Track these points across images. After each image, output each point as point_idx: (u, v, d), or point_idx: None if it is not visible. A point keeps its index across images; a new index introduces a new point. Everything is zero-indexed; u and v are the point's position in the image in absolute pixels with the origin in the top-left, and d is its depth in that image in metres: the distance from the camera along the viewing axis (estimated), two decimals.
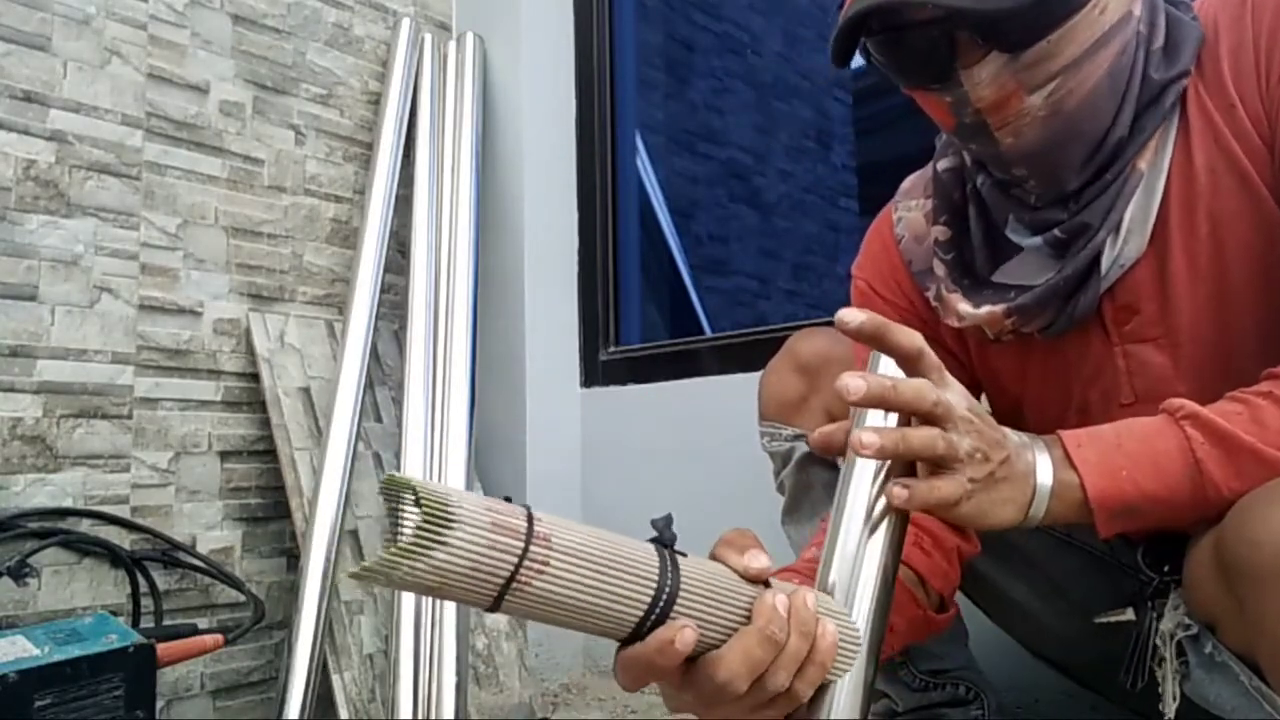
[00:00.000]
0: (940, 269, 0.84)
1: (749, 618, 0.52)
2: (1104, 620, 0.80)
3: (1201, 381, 0.73)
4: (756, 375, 1.07)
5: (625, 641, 0.52)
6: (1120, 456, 0.62)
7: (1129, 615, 0.79)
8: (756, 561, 0.54)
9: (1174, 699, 0.66)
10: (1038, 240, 0.76)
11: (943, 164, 0.86)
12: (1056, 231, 0.75)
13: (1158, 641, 0.68)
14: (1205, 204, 0.72)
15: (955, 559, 0.83)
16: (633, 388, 1.90)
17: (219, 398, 1.70)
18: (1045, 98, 0.68)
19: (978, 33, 0.66)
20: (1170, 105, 0.72)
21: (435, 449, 1.72)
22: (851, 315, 0.57)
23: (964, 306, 0.80)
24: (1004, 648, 1.06)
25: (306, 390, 1.74)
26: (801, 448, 0.99)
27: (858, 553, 0.57)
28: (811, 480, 0.98)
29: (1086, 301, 0.76)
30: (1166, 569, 0.77)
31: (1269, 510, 0.57)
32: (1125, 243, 0.73)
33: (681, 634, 0.50)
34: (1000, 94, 0.68)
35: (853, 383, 0.56)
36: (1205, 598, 0.63)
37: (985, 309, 0.78)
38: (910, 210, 0.89)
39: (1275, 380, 0.64)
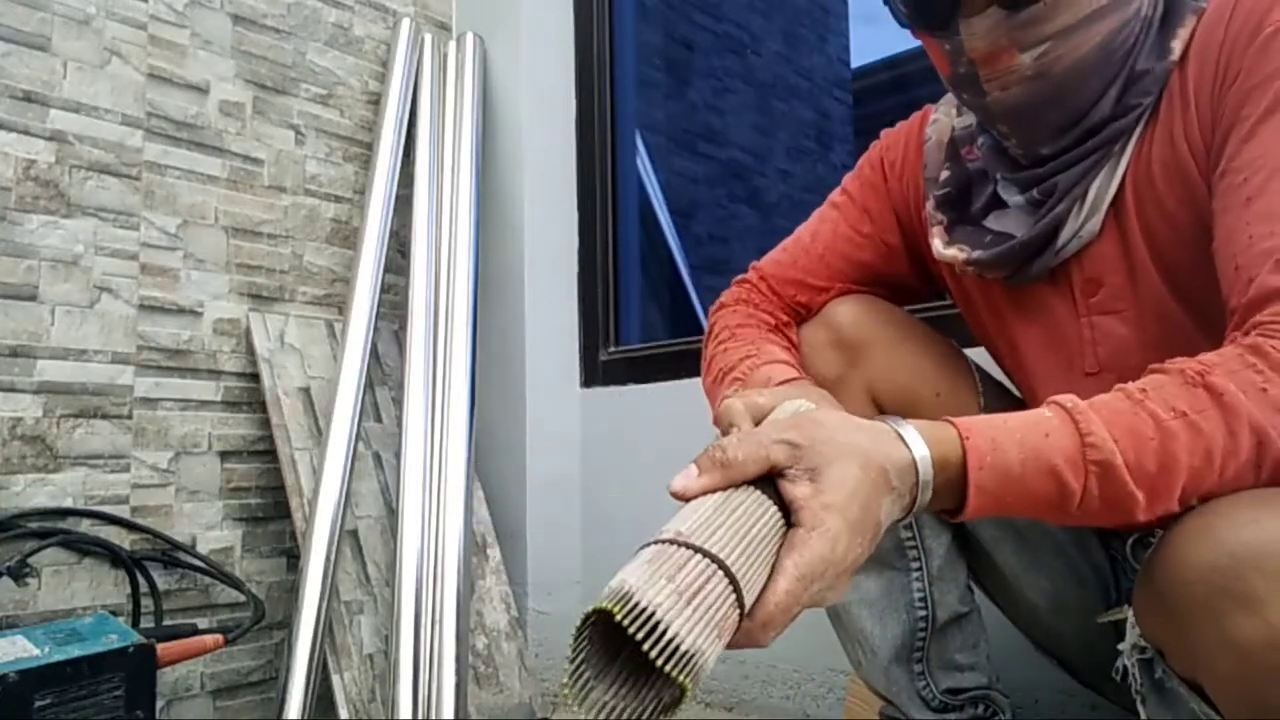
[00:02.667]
0: (931, 203, 0.88)
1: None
2: (1104, 619, 0.80)
3: (1161, 355, 0.74)
4: None
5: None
6: (1014, 485, 0.58)
7: (1127, 614, 0.79)
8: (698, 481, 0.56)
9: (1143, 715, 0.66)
10: (1021, 199, 0.80)
11: (959, 121, 0.90)
12: (1035, 192, 0.79)
13: (1125, 662, 0.68)
14: (1156, 193, 0.74)
15: None
16: (633, 388, 1.90)
17: (219, 398, 1.70)
18: (1034, 59, 0.71)
19: None
20: (1153, 95, 0.74)
21: (435, 449, 1.72)
22: (682, 485, 0.56)
23: (936, 243, 0.86)
24: (1006, 649, 1.06)
25: (306, 390, 1.74)
26: None
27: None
28: None
29: (1040, 266, 0.80)
30: None
31: (1195, 547, 0.56)
32: (1087, 218, 0.76)
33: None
34: (993, 48, 0.72)
35: (677, 482, 0.57)
36: (1150, 626, 0.63)
37: (951, 250, 0.84)
38: (945, 116, 0.92)
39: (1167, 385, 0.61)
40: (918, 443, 0.57)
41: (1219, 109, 0.70)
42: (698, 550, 0.50)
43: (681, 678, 0.46)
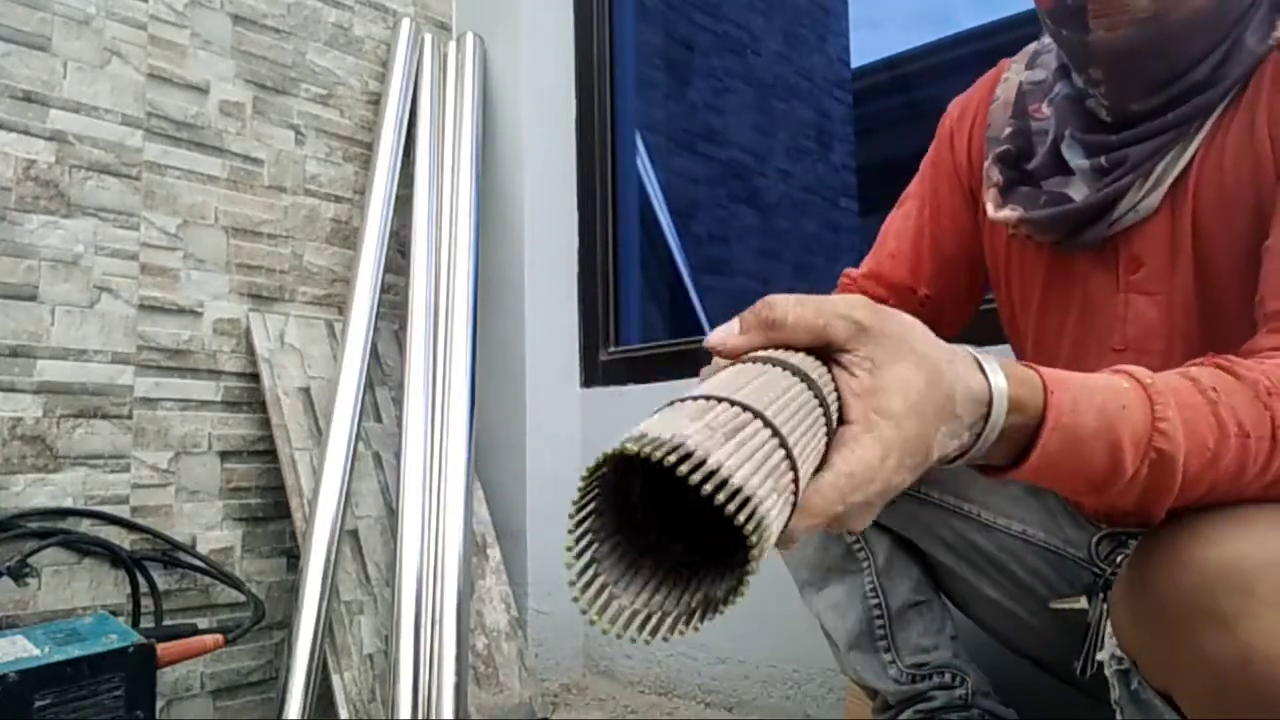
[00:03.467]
0: (988, 163, 0.87)
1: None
2: (1059, 607, 0.82)
3: (1183, 344, 0.74)
4: None
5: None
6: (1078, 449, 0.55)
7: (1082, 604, 0.80)
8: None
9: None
10: (1085, 164, 0.78)
11: (1028, 75, 0.88)
12: (1103, 159, 0.76)
13: (1106, 671, 0.67)
14: (1222, 179, 0.73)
15: None
16: (633, 388, 1.90)
17: (219, 398, 1.70)
18: (1152, 1, 0.68)
19: None
20: (1244, 72, 0.72)
21: (435, 449, 1.72)
22: (720, 339, 0.49)
23: (989, 205, 0.85)
24: (983, 645, 1.07)
25: (306, 390, 1.74)
26: None
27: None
28: None
29: (1094, 233, 0.78)
30: (1119, 560, 0.77)
31: (1171, 562, 0.55)
32: (1148, 193, 0.75)
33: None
34: None
35: (715, 335, 0.50)
36: (1126, 637, 0.63)
37: (1004, 212, 0.83)
38: (1016, 75, 0.91)
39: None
40: (998, 376, 0.50)
41: None
42: (733, 403, 0.39)
43: (748, 525, 0.34)
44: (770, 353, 0.47)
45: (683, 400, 0.40)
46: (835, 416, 0.45)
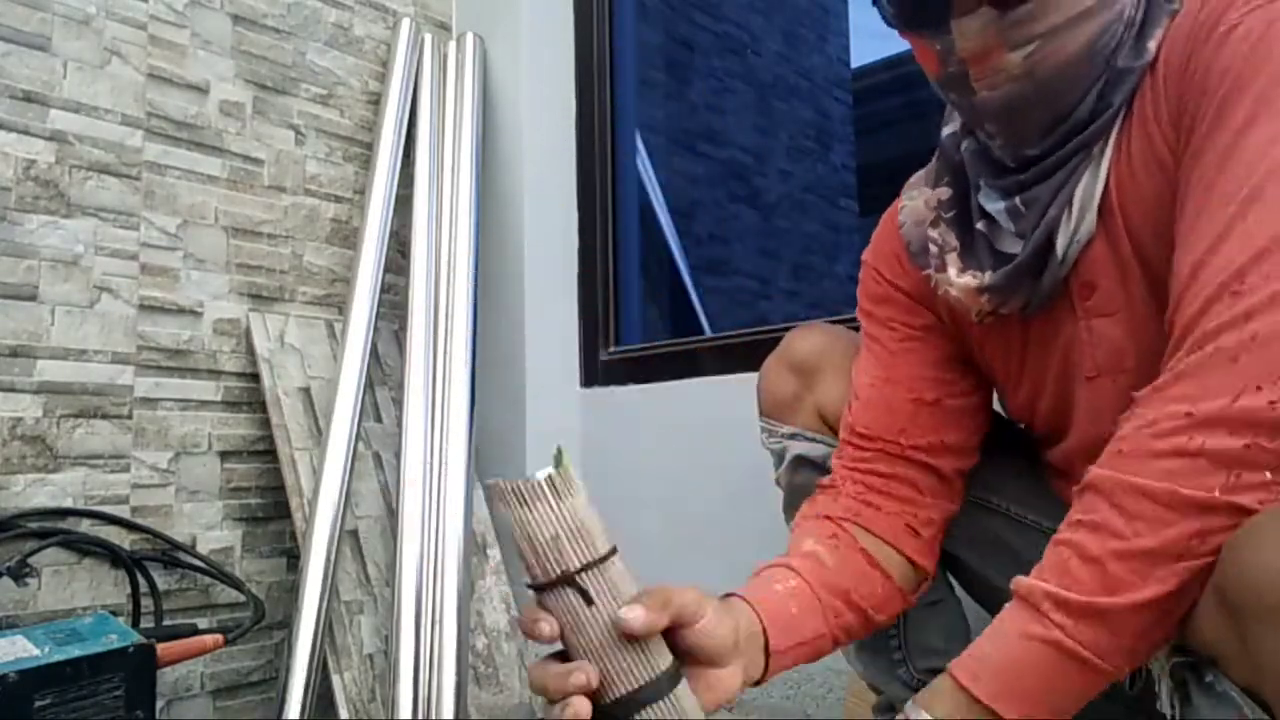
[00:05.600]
0: (939, 230, 0.86)
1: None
2: None
3: (1153, 353, 0.74)
4: (757, 375, 1.07)
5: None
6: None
7: None
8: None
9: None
10: (1001, 206, 0.79)
11: (946, 130, 0.89)
12: (1017, 200, 0.78)
13: (1151, 667, 0.67)
14: (1139, 188, 0.75)
15: (941, 530, 0.88)
16: (633, 388, 1.90)
17: (219, 398, 1.70)
18: (1024, 57, 0.72)
19: None
20: (1128, 92, 0.74)
21: (435, 449, 1.72)
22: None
23: (952, 271, 0.83)
24: None
25: (306, 390, 1.74)
26: (794, 448, 1.00)
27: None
28: (804, 482, 0.98)
29: (1050, 279, 0.78)
30: None
31: (1263, 553, 0.55)
32: (1079, 222, 0.76)
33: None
34: (983, 46, 0.72)
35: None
36: (1206, 633, 0.61)
37: (965, 278, 0.81)
38: (913, 199, 0.91)
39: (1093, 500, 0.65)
40: None
41: (1183, 99, 0.71)
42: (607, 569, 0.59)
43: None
44: None
45: None
46: None
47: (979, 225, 0.82)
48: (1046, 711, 0.62)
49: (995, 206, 0.80)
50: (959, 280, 0.82)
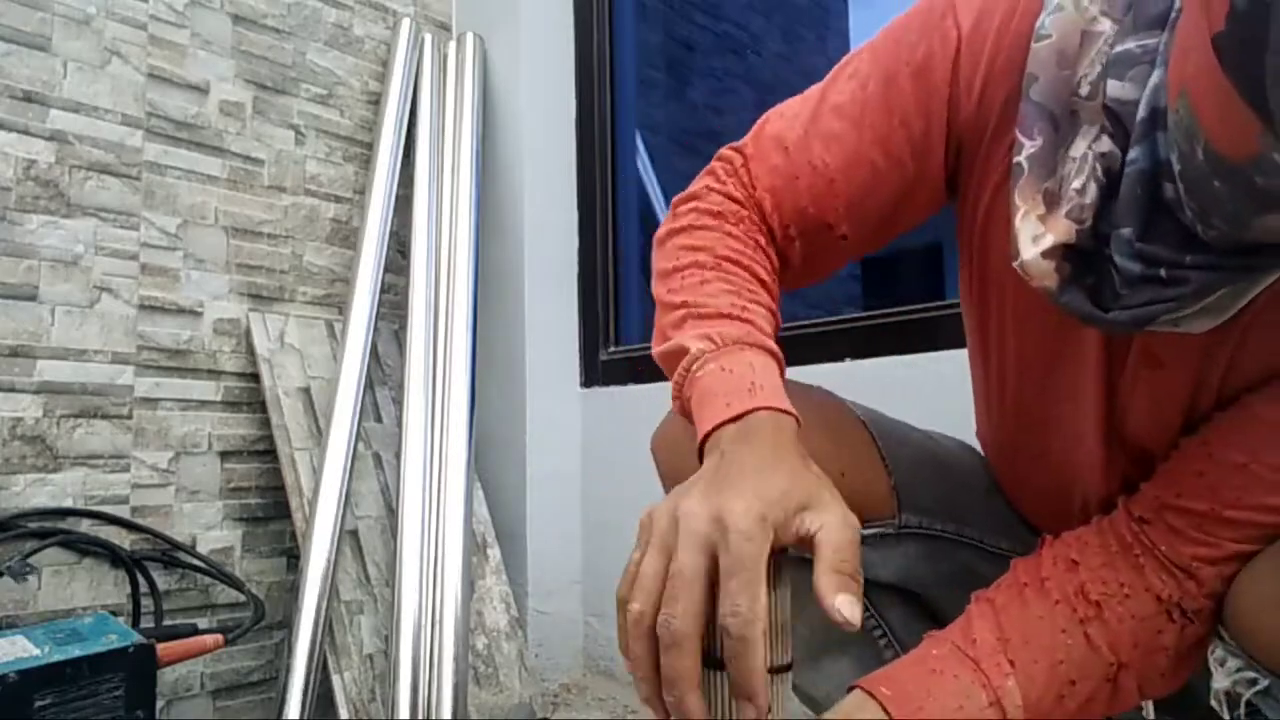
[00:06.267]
0: (1023, 154, 0.60)
1: None
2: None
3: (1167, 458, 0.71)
4: None
5: None
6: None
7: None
8: None
9: None
10: (1136, 270, 0.56)
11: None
12: (1161, 271, 0.55)
13: (1213, 704, 0.63)
14: (1250, 362, 0.63)
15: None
16: (633, 388, 1.90)
17: (219, 398, 1.70)
18: None
19: None
20: None
21: (435, 449, 1.72)
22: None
23: (1027, 233, 0.60)
24: None
25: (306, 390, 1.74)
26: None
27: None
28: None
29: (1116, 330, 0.63)
30: None
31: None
32: (1199, 317, 0.57)
33: None
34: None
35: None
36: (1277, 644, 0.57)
37: (1042, 264, 0.59)
38: (1075, 6, 0.59)
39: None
40: None
41: None
42: None
43: None
44: None
45: None
46: None
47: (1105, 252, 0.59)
48: None
49: (1127, 266, 0.56)
50: (1029, 256, 0.60)
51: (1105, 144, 0.57)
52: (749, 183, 0.73)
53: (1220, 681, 0.60)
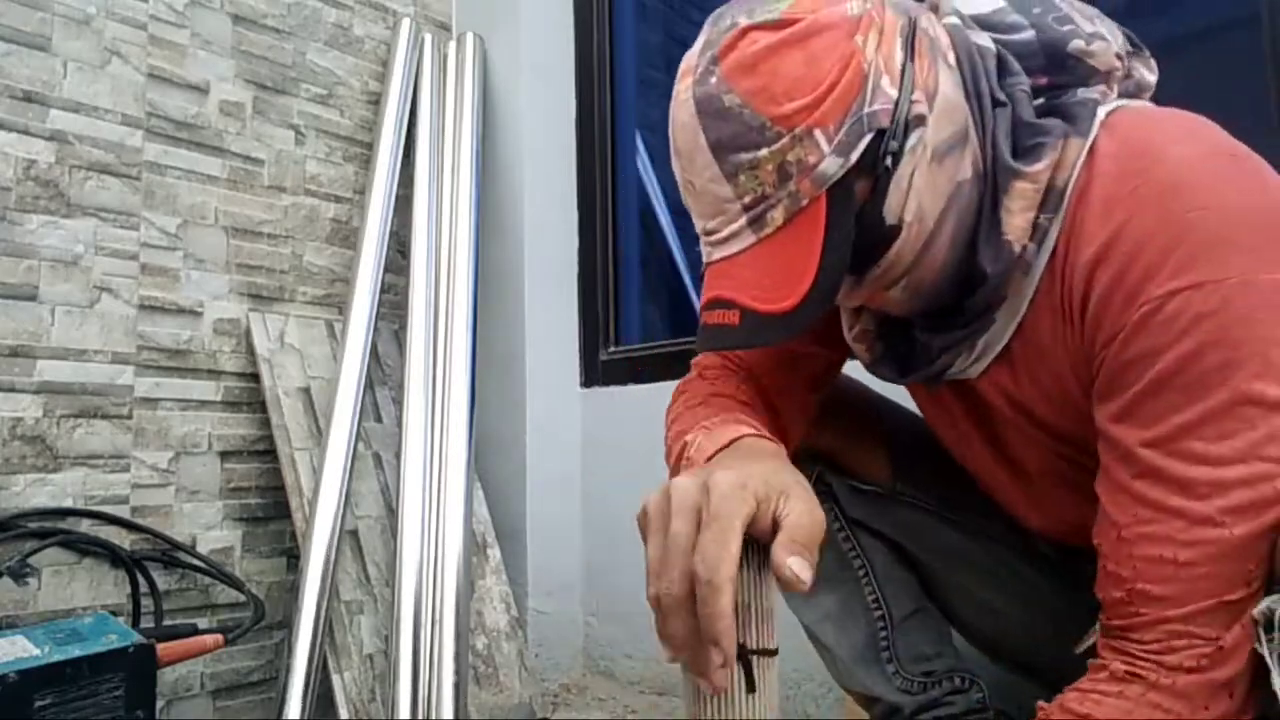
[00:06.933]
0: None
1: None
2: (1082, 649, 0.80)
3: (1073, 462, 0.76)
4: None
5: None
6: None
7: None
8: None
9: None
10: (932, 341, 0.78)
11: None
12: (921, 336, 0.77)
13: (1254, 617, 0.64)
14: (1037, 382, 0.73)
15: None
16: (633, 388, 1.90)
17: (219, 398, 1.70)
18: (901, 290, 0.71)
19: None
20: (1020, 268, 0.70)
21: (435, 449, 1.72)
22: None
23: (845, 322, 0.84)
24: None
25: (306, 390, 1.74)
26: None
27: None
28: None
29: (923, 376, 0.79)
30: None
31: None
32: (971, 364, 0.75)
33: None
34: (861, 299, 0.73)
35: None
36: None
37: (856, 344, 0.84)
38: None
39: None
40: None
41: (1094, 341, 0.66)
42: None
43: None
44: None
45: None
46: None
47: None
48: None
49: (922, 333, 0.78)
50: (849, 340, 0.84)
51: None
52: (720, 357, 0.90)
53: (1260, 607, 0.61)
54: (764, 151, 0.63)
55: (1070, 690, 0.66)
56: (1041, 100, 0.71)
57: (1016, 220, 0.68)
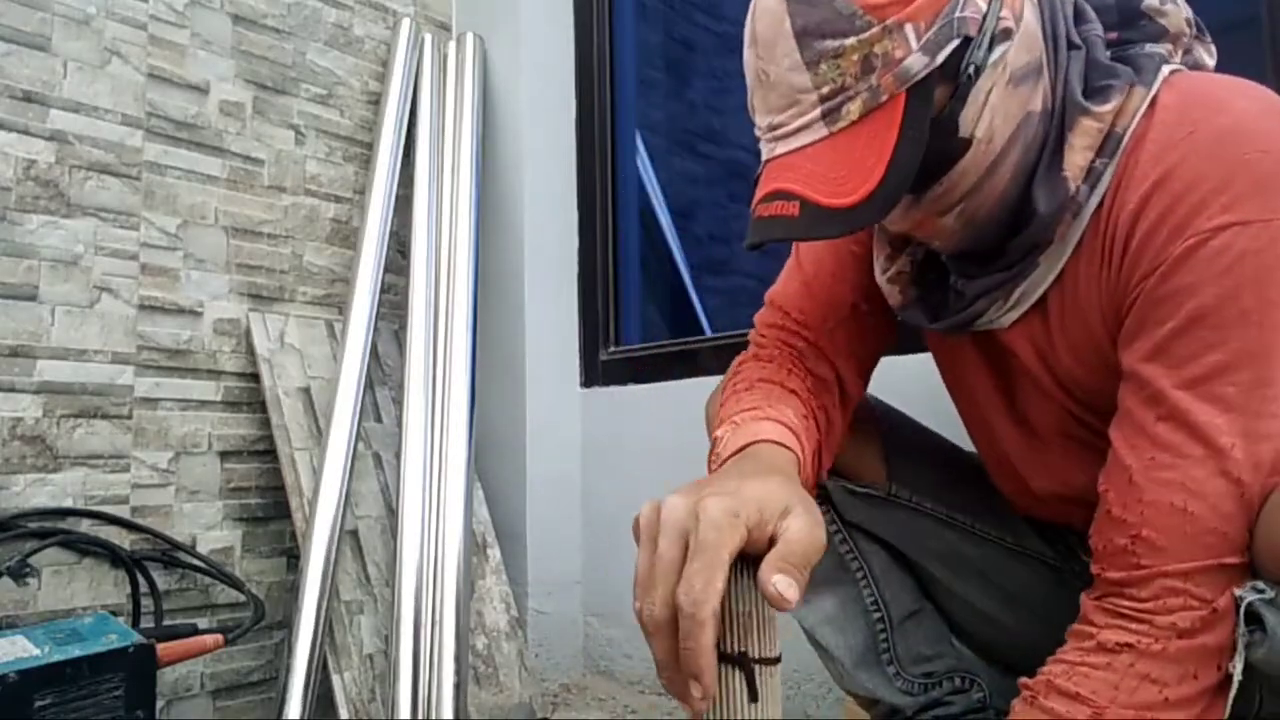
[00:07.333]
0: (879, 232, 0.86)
1: None
2: None
3: (1090, 426, 0.76)
4: None
5: None
6: None
7: None
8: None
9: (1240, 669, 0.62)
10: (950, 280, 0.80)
11: None
12: (958, 283, 0.78)
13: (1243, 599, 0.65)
14: (1068, 334, 0.74)
15: (830, 436, 0.86)
16: (633, 388, 1.90)
17: (219, 398, 1.70)
18: (956, 217, 0.70)
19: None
20: (1072, 210, 0.70)
21: (435, 449, 1.72)
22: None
23: (879, 266, 0.84)
24: None
25: (306, 390, 1.74)
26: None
27: None
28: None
29: (953, 324, 0.79)
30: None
31: None
32: (1004, 314, 0.76)
33: None
34: (913, 223, 0.71)
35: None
36: None
37: (888, 287, 0.83)
38: None
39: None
40: None
41: (1128, 286, 0.67)
42: None
43: None
44: None
45: None
46: None
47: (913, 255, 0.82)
48: None
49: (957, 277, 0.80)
50: (882, 284, 0.85)
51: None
52: (782, 314, 0.91)
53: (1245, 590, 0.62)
54: (851, 40, 0.62)
55: (1055, 662, 0.66)
56: (1109, 53, 0.72)
57: (1076, 158, 0.68)
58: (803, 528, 0.55)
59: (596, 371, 1.99)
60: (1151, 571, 0.62)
